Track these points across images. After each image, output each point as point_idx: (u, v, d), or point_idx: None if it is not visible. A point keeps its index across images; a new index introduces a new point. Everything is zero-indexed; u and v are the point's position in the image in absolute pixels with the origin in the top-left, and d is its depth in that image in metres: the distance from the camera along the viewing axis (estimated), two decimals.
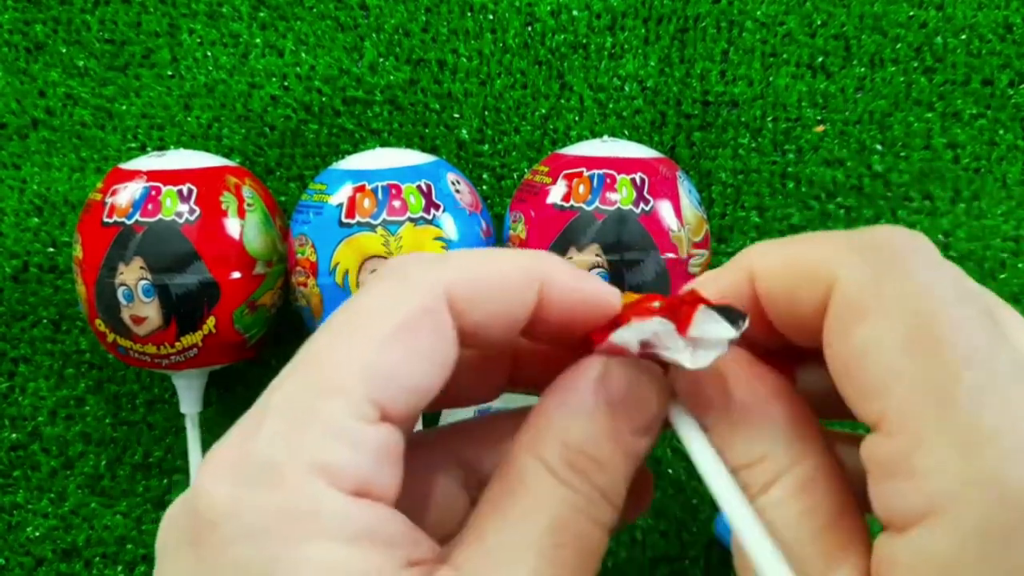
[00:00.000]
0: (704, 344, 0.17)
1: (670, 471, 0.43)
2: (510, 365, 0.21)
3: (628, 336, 0.17)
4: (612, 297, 0.18)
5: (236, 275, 0.37)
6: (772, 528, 0.17)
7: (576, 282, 0.18)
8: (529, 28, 0.44)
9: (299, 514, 0.15)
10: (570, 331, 0.18)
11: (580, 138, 0.43)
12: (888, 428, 0.15)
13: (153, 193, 0.36)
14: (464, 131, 0.44)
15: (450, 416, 0.19)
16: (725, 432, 0.17)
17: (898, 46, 0.43)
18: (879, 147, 0.43)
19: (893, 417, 0.15)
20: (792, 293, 0.17)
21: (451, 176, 0.38)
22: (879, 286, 0.16)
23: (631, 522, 0.42)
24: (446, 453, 0.20)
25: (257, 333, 0.39)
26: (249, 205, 0.38)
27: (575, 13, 0.43)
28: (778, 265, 0.18)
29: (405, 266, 0.17)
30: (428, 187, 0.37)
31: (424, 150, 0.41)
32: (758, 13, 0.43)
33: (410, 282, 0.17)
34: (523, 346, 0.20)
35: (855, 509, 0.17)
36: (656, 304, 0.17)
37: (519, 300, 0.18)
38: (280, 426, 0.15)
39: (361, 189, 0.36)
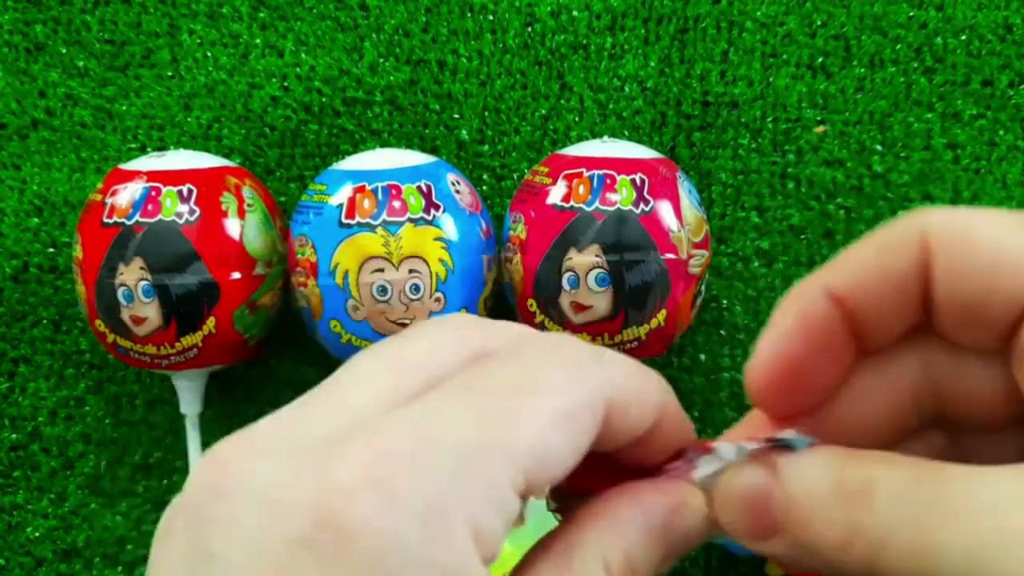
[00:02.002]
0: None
1: None
2: None
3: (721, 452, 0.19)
4: (691, 432, 0.20)
5: (236, 275, 0.37)
6: None
7: (680, 412, 0.19)
8: (529, 28, 0.44)
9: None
10: (646, 457, 0.19)
11: (580, 138, 0.43)
12: None
13: (153, 193, 0.36)
14: (464, 131, 0.44)
15: None
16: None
17: (898, 46, 0.43)
18: (879, 147, 0.43)
19: None
20: (986, 295, 0.17)
21: (451, 176, 0.38)
22: None
23: None
24: None
25: (257, 334, 0.39)
26: (249, 205, 0.38)
27: (575, 13, 0.43)
28: (969, 254, 0.17)
29: (583, 352, 0.18)
30: (428, 187, 0.37)
31: (424, 150, 0.41)
32: (758, 13, 0.43)
33: (586, 371, 0.17)
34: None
35: None
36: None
37: (646, 423, 0.18)
38: (453, 466, 0.15)
39: (361, 190, 0.36)
